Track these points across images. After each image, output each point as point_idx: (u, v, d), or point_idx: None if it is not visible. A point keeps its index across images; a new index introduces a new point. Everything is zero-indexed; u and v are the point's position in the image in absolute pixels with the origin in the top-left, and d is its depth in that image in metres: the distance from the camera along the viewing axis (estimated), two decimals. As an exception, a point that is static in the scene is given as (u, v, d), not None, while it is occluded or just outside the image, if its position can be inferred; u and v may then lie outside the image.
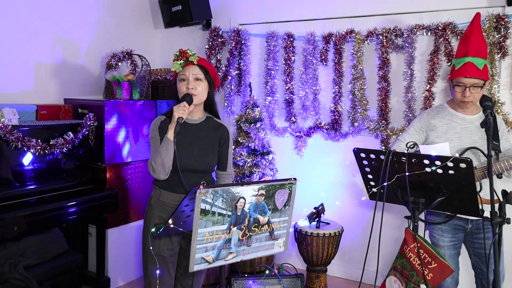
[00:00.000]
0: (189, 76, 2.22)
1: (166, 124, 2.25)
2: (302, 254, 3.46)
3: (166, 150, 2.14)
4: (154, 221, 2.25)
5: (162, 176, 2.19)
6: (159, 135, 2.23)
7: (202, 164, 2.27)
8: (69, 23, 3.65)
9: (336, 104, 3.67)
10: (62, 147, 3.10)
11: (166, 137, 2.16)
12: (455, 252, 2.51)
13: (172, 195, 2.24)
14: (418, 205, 1.99)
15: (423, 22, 3.30)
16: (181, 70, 2.23)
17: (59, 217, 2.96)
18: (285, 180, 1.84)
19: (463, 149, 2.30)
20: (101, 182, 3.36)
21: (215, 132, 2.35)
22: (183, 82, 2.23)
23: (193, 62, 2.23)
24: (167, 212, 2.24)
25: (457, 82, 2.40)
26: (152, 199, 2.31)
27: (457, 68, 2.40)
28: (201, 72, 2.25)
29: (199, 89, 2.24)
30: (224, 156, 2.40)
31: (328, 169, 3.80)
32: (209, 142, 2.31)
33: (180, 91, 2.24)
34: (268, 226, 1.85)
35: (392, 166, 1.96)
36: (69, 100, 3.59)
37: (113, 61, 3.78)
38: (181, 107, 2.14)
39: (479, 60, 2.36)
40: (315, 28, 3.71)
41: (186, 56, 2.22)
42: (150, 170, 2.21)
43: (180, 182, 2.16)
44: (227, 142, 2.39)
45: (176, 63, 2.22)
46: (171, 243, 2.26)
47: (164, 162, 2.15)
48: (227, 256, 1.77)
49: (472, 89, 2.36)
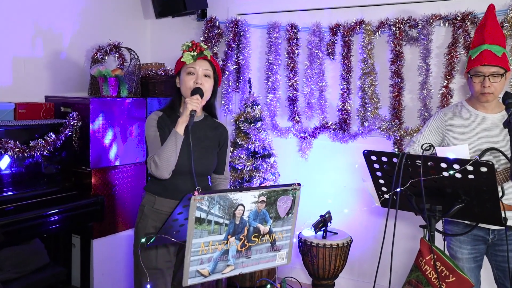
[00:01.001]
0: (199, 71, 2.25)
1: (164, 120, 2.27)
2: (307, 267, 3.46)
3: (175, 145, 2.15)
4: (148, 231, 2.24)
5: (166, 174, 2.19)
6: (158, 131, 2.25)
7: (202, 166, 2.29)
8: (51, 12, 3.65)
9: (344, 102, 3.67)
10: (43, 149, 3.09)
11: (175, 131, 2.16)
12: (475, 265, 2.50)
13: (169, 202, 2.23)
14: (434, 213, 1.99)
15: (440, 11, 3.31)
16: (190, 63, 2.24)
17: (40, 226, 2.95)
18: (288, 186, 1.84)
19: (482, 151, 2.31)
20: (85, 188, 3.36)
21: (215, 132, 2.37)
22: (191, 76, 2.25)
23: (207, 57, 2.26)
24: (162, 221, 2.22)
25: (475, 72, 2.42)
26: (144, 207, 2.30)
27: (473, 57, 2.42)
28: (211, 69, 2.29)
29: (207, 86, 2.27)
30: (222, 158, 2.41)
31: (336, 173, 3.80)
32: (209, 143, 2.33)
33: (186, 85, 2.25)
34: (270, 236, 1.85)
35: (406, 170, 1.96)
36: (50, 97, 3.59)
37: (99, 55, 3.78)
38: (195, 100, 2.16)
39: (497, 48, 2.39)
40: (321, 18, 3.72)
41: (200, 49, 2.24)
42: (152, 168, 2.19)
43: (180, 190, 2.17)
44: (226, 143, 2.41)
45: (188, 54, 2.23)
46: (168, 254, 2.26)
47: (171, 158, 2.16)
48: (224, 269, 1.77)
49: (491, 78, 2.38)
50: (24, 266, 2.94)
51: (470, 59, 2.46)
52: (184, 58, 2.24)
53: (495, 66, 2.37)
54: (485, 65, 2.37)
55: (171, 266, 2.28)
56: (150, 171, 2.21)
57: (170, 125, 2.26)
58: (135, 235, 2.33)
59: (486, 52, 2.38)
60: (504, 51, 2.41)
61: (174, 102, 2.35)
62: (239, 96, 4.09)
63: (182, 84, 2.27)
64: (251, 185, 3.54)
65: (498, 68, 2.38)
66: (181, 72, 2.29)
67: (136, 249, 2.31)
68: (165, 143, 2.17)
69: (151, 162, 2.19)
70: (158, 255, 2.23)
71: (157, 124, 2.26)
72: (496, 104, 2.49)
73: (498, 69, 2.38)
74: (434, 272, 1.91)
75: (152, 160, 2.19)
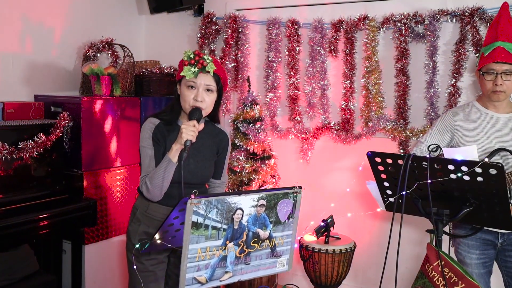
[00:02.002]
0: (200, 86, 2.17)
1: (161, 130, 2.21)
2: (309, 274, 3.46)
3: (167, 173, 2.11)
4: (140, 236, 2.25)
5: (157, 198, 2.19)
6: (153, 145, 2.20)
7: (199, 177, 2.28)
8: (40, 7, 3.65)
9: (347, 101, 3.68)
10: (32, 151, 3.09)
11: (169, 159, 2.10)
12: (484, 271, 2.51)
13: (163, 209, 2.23)
14: (441, 217, 2.00)
15: (447, 7, 3.31)
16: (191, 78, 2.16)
17: (29, 231, 2.95)
18: (289, 189, 1.84)
19: (491, 151, 2.32)
20: (77, 191, 3.36)
21: (214, 140, 2.35)
22: (191, 90, 2.17)
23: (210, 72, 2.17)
24: (155, 227, 2.23)
25: (487, 70, 2.44)
26: (137, 210, 2.30)
27: (486, 54, 2.44)
28: (214, 83, 2.20)
29: (208, 101, 2.20)
30: (220, 164, 2.41)
31: (338, 176, 3.81)
32: (207, 153, 2.31)
33: (185, 99, 2.18)
34: (270, 241, 1.85)
35: (412, 172, 1.97)
36: (40, 96, 3.59)
37: (91, 52, 3.78)
38: (191, 128, 2.07)
39: (510, 45, 2.42)
40: (323, 14, 3.72)
41: (203, 64, 2.14)
42: (144, 189, 2.18)
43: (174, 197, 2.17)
44: (226, 150, 2.40)
45: (189, 69, 2.14)
46: (161, 256, 2.28)
47: (163, 185, 2.14)
48: (222, 276, 1.77)
49: (504, 76, 2.40)
50: (12, 273, 2.93)
51: (482, 56, 2.48)
52: (184, 72, 2.15)
53: (508, 63, 2.39)
54: (498, 62, 2.39)
55: (163, 268, 2.30)
56: (142, 192, 2.20)
57: (167, 136, 2.21)
58: (126, 237, 2.34)
59: (499, 49, 2.40)
60: None
61: (174, 108, 2.29)
62: (238, 95, 4.09)
63: (182, 97, 2.21)
64: (250, 188, 3.54)
65: (511, 65, 2.40)
66: (181, 82, 2.22)
67: (127, 253, 2.33)
68: (158, 168, 2.13)
69: (143, 184, 2.18)
70: (151, 257, 2.24)
71: (153, 136, 2.20)
72: (508, 103, 2.51)
73: (510, 66, 2.40)
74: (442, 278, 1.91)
75: (144, 183, 2.17)
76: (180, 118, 2.30)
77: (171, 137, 2.19)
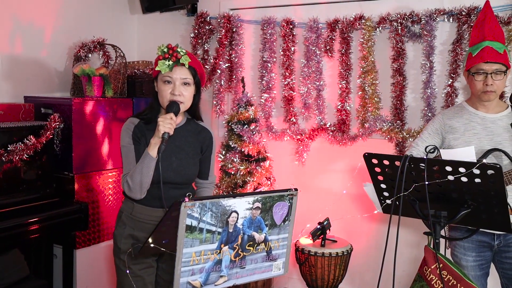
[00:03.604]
0: (176, 80, 2.19)
1: (141, 129, 2.22)
2: (305, 277, 3.46)
3: (147, 168, 2.12)
4: (126, 240, 2.25)
5: (138, 196, 2.18)
6: (133, 143, 2.21)
7: (183, 176, 2.27)
8: (30, 6, 3.64)
9: (343, 102, 3.68)
10: (22, 153, 3.08)
11: (147, 153, 2.12)
12: (481, 273, 2.52)
13: (148, 210, 2.24)
14: (439, 219, 2.00)
15: (444, 6, 3.33)
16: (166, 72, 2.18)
17: (19, 236, 2.94)
18: (284, 191, 1.84)
19: (485, 152, 2.34)
20: (68, 195, 3.34)
21: (197, 138, 2.34)
22: (167, 85, 2.19)
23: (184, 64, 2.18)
24: (141, 229, 2.25)
25: (476, 70, 2.45)
26: (123, 213, 2.31)
27: (474, 54, 2.45)
28: (191, 76, 2.22)
29: (187, 95, 2.21)
30: (206, 164, 2.40)
31: (334, 177, 3.81)
32: (190, 151, 2.31)
33: (162, 95, 2.20)
34: (265, 244, 1.85)
35: (409, 174, 1.97)
36: (30, 98, 3.57)
37: (82, 52, 3.77)
38: (168, 120, 2.10)
39: (498, 44, 2.44)
40: (318, 14, 3.73)
41: (177, 56, 2.16)
42: (125, 188, 2.19)
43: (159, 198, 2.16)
44: (210, 148, 2.40)
45: (163, 63, 2.16)
46: (149, 260, 2.28)
47: (143, 181, 2.14)
48: (217, 280, 1.77)
49: (494, 76, 2.42)
50: (2, 278, 2.91)
51: (470, 57, 2.49)
52: (158, 66, 2.16)
53: (498, 63, 2.41)
54: (488, 62, 2.41)
55: (152, 273, 2.29)
56: (124, 191, 2.21)
57: (147, 135, 2.22)
58: (113, 242, 2.34)
59: (488, 49, 2.42)
60: (504, 48, 2.45)
61: (153, 107, 2.30)
62: (232, 96, 4.09)
63: (159, 93, 2.22)
64: (245, 190, 3.54)
65: (500, 65, 2.42)
66: (157, 78, 2.23)
67: (115, 257, 2.32)
68: (138, 165, 2.14)
69: (124, 182, 2.19)
70: (138, 261, 2.23)
71: (133, 135, 2.21)
72: (497, 103, 2.53)
73: (500, 66, 2.42)
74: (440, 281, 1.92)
75: (125, 181, 2.18)
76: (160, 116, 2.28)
77: (152, 135, 2.18)
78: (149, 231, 2.22)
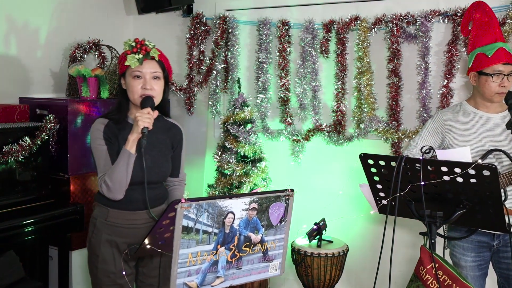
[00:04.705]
0: (146, 74, 2.17)
1: (111, 129, 2.19)
2: (301, 278, 3.46)
3: (127, 166, 2.09)
4: (104, 247, 2.21)
5: (119, 196, 2.15)
6: (106, 144, 2.17)
7: (157, 174, 2.25)
8: (25, 7, 3.63)
9: (339, 103, 3.69)
10: (17, 154, 3.07)
11: (126, 150, 2.09)
12: (480, 273, 2.53)
13: (124, 214, 2.21)
14: (435, 220, 2.01)
15: (439, 7, 3.34)
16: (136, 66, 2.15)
17: (14, 237, 2.93)
18: (280, 192, 1.85)
19: (485, 152, 2.34)
20: (63, 196, 3.34)
21: (167, 134, 2.33)
22: (137, 80, 2.17)
23: (154, 57, 2.18)
24: (118, 235, 2.21)
25: (493, 71, 2.45)
26: (97, 220, 2.25)
27: (490, 55, 2.45)
28: (160, 69, 2.21)
29: (157, 89, 2.20)
30: (177, 160, 2.39)
31: (331, 178, 3.81)
32: (162, 147, 2.29)
33: (133, 90, 2.17)
34: (262, 245, 1.85)
35: (404, 174, 1.98)
36: (25, 99, 3.56)
37: (77, 53, 3.76)
38: (146, 115, 2.08)
39: (508, 46, 2.48)
40: (314, 14, 3.73)
41: (146, 50, 2.16)
42: (103, 189, 2.14)
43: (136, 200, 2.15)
44: (181, 144, 2.39)
45: (133, 57, 2.13)
46: (128, 268, 2.25)
47: (123, 179, 2.11)
48: (213, 281, 1.77)
49: (510, 77, 2.45)
50: (-3, 280, 2.90)
51: (484, 57, 2.48)
52: (128, 61, 2.13)
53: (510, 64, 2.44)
54: (506, 63, 2.43)
55: (131, 280, 2.25)
56: (102, 192, 2.16)
57: (118, 134, 2.20)
58: (88, 252, 2.28)
59: (503, 51, 2.45)
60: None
61: (121, 106, 2.27)
62: (228, 97, 4.09)
63: (129, 89, 2.20)
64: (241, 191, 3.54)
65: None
66: (126, 74, 2.20)
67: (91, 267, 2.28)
68: (116, 163, 2.11)
69: (101, 183, 2.13)
70: (116, 270, 2.20)
71: (104, 136, 2.17)
72: (498, 103, 2.54)
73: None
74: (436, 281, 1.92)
75: (103, 181, 2.13)
76: (129, 115, 2.27)
77: (123, 135, 2.17)
78: (127, 235, 2.22)
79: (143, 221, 2.25)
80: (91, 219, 2.29)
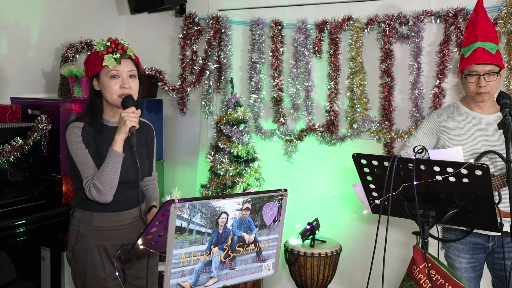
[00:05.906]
0: (124, 73, 2.17)
1: (89, 132, 2.15)
2: (295, 278, 3.46)
3: (116, 166, 2.08)
4: (92, 253, 2.17)
5: (110, 198, 2.12)
6: (86, 147, 2.13)
7: (137, 173, 2.21)
8: (16, 6, 3.60)
9: (332, 103, 3.70)
10: (9, 155, 3.05)
11: (114, 151, 2.08)
12: (474, 275, 2.53)
13: (110, 216, 2.19)
14: (428, 219, 2.01)
15: (431, 7, 3.35)
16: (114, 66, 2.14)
17: (5, 238, 2.91)
18: (274, 192, 1.85)
19: (479, 153, 2.34)
20: (55, 197, 3.32)
21: (141, 133, 2.31)
22: (115, 80, 2.15)
23: (130, 56, 2.19)
24: (106, 237, 2.19)
25: (469, 72, 2.45)
26: (79, 227, 2.19)
27: (466, 56, 2.45)
28: (135, 67, 2.22)
29: (134, 87, 2.20)
30: (150, 159, 2.39)
31: (324, 178, 3.82)
32: (138, 146, 2.25)
33: (110, 90, 2.15)
34: (255, 245, 1.85)
35: (397, 174, 1.98)
36: (16, 99, 3.54)
37: (69, 53, 3.74)
38: (132, 114, 2.09)
39: (490, 45, 2.43)
40: (307, 15, 3.74)
41: (123, 49, 2.16)
42: (93, 193, 2.08)
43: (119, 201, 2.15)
44: (153, 142, 2.40)
45: (110, 57, 2.13)
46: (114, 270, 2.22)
47: (114, 180, 2.09)
48: (207, 282, 1.77)
49: (487, 77, 2.41)
50: (-11, 282, 2.89)
51: (462, 58, 2.49)
52: (105, 62, 2.12)
53: (490, 64, 2.40)
54: (480, 63, 2.40)
55: (119, 283, 2.20)
56: (90, 197, 2.10)
57: (96, 136, 2.17)
58: (73, 261, 2.21)
59: (480, 50, 2.41)
60: (497, 48, 2.44)
61: (94, 108, 2.23)
62: (221, 97, 4.09)
63: (105, 89, 2.16)
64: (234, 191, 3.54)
65: (493, 66, 2.41)
66: (100, 75, 2.17)
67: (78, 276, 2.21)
68: (105, 165, 2.08)
69: (90, 187, 2.08)
70: (106, 274, 2.17)
71: (83, 139, 2.13)
72: (492, 104, 2.52)
73: (493, 67, 2.41)
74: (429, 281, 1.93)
75: (91, 185, 2.08)
76: (104, 116, 2.24)
77: (101, 137, 2.16)
78: (115, 237, 2.20)
79: (128, 221, 2.24)
80: (72, 227, 2.23)
